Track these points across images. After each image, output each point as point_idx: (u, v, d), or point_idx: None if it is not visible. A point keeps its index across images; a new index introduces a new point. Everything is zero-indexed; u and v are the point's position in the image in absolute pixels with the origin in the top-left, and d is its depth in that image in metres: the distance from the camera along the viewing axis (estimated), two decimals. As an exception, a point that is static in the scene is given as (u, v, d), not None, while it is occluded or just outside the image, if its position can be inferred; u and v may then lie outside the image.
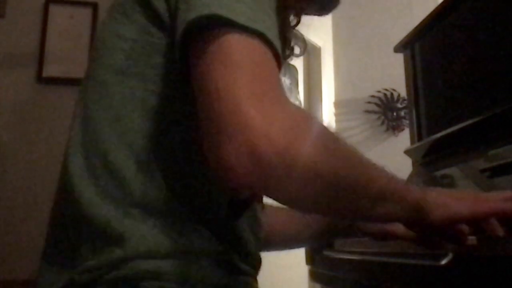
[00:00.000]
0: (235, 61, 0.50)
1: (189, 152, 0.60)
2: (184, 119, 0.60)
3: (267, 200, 0.70)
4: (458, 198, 0.62)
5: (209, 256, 0.59)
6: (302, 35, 0.81)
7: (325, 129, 0.54)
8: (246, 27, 0.51)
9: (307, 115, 0.53)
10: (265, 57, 0.52)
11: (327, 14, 0.81)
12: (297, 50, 0.81)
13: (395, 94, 3.00)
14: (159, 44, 0.59)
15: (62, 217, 0.63)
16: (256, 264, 0.70)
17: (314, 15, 0.81)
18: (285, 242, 0.94)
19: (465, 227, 0.61)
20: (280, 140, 0.47)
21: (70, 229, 0.61)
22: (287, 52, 0.76)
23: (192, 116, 0.56)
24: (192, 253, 0.58)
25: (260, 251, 0.71)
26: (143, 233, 0.56)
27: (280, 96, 0.51)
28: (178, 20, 0.55)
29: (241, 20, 0.51)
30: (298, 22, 0.79)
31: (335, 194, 0.53)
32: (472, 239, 0.61)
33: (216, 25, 0.51)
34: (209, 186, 0.61)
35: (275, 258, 1.15)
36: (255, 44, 0.51)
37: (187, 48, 0.54)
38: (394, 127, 3.01)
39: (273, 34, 0.53)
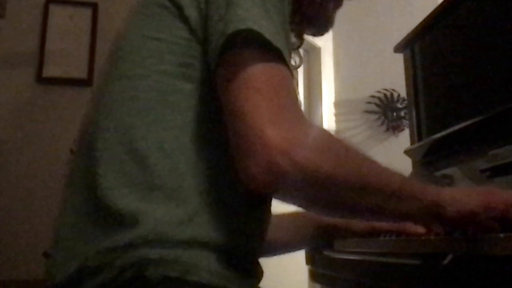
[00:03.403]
0: (258, 87, 0.58)
1: (211, 146, 0.64)
2: (206, 115, 0.64)
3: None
4: (473, 194, 0.65)
5: (218, 250, 0.60)
6: (299, 52, 0.91)
7: (335, 141, 0.62)
8: (271, 44, 0.58)
9: (319, 131, 0.61)
10: (284, 79, 0.60)
11: (321, 36, 0.91)
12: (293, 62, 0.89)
13: (395, 94, 3.00)
14: (186, 46, 0.64)
15: (79, 203, 0.65)
16: (259, 270, 0.71)
17: (310, 35, 0.91)
18: (275, 248, 0.96)
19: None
20: (295, 156, 0.55)
21: (87, 212, 0.63)
22: None
23: (214, 113, 0.62)
24: (202, 244, 0.59)
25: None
26: (157, 219, 0.58)
27: (296, 116, 0.59)
28: (212, 29, 0.61)
29: (270, 37, 0.58)
30: (301, 44, 0.88)
31: (348, 199, 0.60)
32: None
33: (245, 42, 0.58)
34: (229, 180, 0.63)
35: (275, 258, 1.15)
36: (275, 66, 0.60)
37: (219, 58, 0.60)
38: (394, 127, 3.00)
39: (287, 52, 0.61)
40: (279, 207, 0.85)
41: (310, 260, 1.17)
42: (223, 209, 0.63)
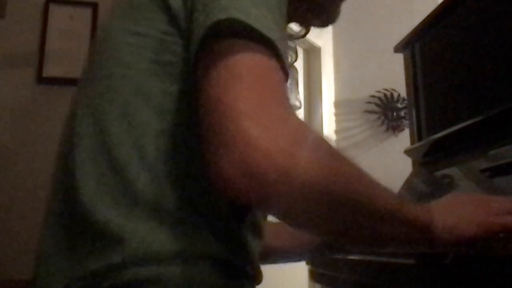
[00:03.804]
0: (240, 74, 0.49)
1: (195, 153, 0.57)
2: (192, 120, 0.57)
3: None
4: (467, 217, 0.61)
5: (211, 259, 0.57)
6: (295, 45, 0.83)
7: (327, 146, 0.53)
8: (261, 34, 0.51)
9: (309, 131, 0.52)
10: (272, 70, 0.52)
11: (326, 27, 0.84)
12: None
13: (395, 94, 3.00)
14: (170, 42, 0.58)
15: (60, 215, 0.61)
16: (258, 272, 0.68)
17: (316, 27, 0.85)
18: (275, 257, 0.93)
19: None
20: (278, 157, 0.46)
21: (69, 228, 0.59)
22: None
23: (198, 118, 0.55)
24: (195, 256, 0.56)
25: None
26: (144, 235, 0.54)
27: (283, 112, 0.50)
28: (195, 22, 0.54)
29: (258, 26, 0.51)
30: (306, 33, 0.83)
31: (333, 212, 0.53)
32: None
33: (230, 33, 0.51)
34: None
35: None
36: (263, 57, 0.51)
37: (201, 52, 0.53)
38: (394, 127, 3.01)
39: (281, 45, 0.53)
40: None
41: (310, 260, 1.17)
42: (212, 218, 0.59)
